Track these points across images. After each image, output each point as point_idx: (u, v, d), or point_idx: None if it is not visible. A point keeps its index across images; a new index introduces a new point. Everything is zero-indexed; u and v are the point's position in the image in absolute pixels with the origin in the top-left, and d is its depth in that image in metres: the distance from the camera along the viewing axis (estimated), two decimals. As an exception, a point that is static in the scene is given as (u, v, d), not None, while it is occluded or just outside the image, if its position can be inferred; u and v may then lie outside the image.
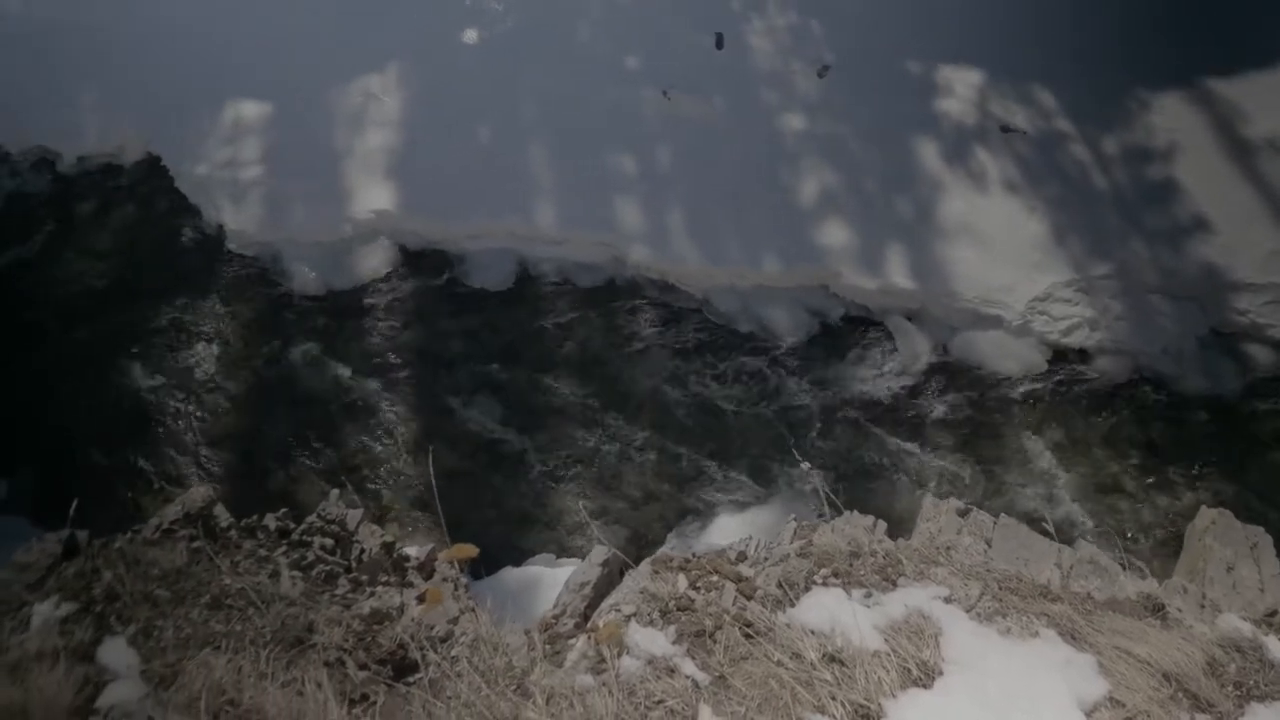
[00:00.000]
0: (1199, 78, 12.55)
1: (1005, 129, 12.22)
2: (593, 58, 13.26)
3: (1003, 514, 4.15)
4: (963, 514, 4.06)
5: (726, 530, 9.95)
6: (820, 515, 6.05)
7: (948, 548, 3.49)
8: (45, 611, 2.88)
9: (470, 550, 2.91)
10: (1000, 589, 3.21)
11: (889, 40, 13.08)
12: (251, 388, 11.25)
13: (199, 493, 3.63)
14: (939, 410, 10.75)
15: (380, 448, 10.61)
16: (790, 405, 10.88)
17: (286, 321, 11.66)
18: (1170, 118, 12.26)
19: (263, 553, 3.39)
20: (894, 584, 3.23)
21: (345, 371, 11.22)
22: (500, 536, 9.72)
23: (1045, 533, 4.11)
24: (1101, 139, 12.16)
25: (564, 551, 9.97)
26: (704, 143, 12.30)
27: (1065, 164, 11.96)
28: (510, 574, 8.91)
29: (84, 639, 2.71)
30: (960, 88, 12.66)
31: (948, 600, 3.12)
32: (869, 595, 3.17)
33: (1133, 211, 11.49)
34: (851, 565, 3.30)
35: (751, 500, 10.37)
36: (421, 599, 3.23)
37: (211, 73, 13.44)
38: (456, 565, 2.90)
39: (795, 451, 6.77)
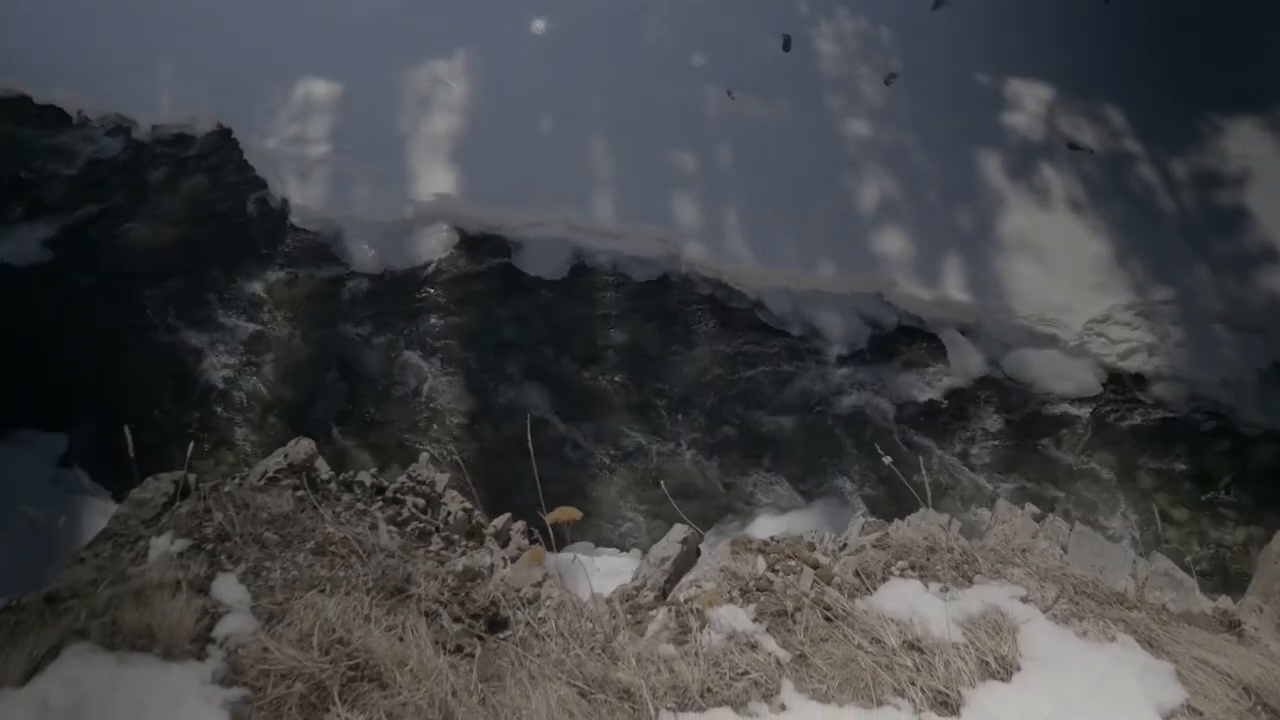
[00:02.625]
0: (1276, 105, 12.36)
1: (1072, 146, 12.12)
2: (658, 54, 13.34)
3: (1078, 522, 4.18)
4: (1038, 519, 4.09)
5: (766, 531, 9.98)
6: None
7: (1023, 550, 3.52)
8: (162, 546, 3.02)
9: (574, 513, 3.00)
10: (1076, 593, 3.24)
11: (958, 51, 13.03)
12: (305, 359, 11.45)
13: (302, 445, 3.76)
14: (987, 426, 10.70)
15: (427, 426, 10.76)
16: (837, 411, 10.88)
17: (343, 297, 11.86)
18: (1244, 143, 12.09)
19: (360, 506, 3.51)
20: (970, 581, 3.28)
21: (395, 349, 11.39)
22: (539, 522, 9.80)
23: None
24: (1171, 161, 12.03)
25: (602, 541, 10.06)
26: (765, 144, 12.33)
27: (1132, 185, 11.85)
28: (549, 559, 9.00)
29: (199, 574, 2.83)
30: (1029, 102, 12.59)
31: (1024, 600, 3.15)
32: (945, 590, 3.21)
33: (1199, 237, 11.36)
34: (928, 559, 3.34)
35: (791, 504, 10.39)
36: (511, 559, 3.33)
37: (285, 50, 13.70)
38: (553, 529, 2.99)
39: (877, 447, 6.78)
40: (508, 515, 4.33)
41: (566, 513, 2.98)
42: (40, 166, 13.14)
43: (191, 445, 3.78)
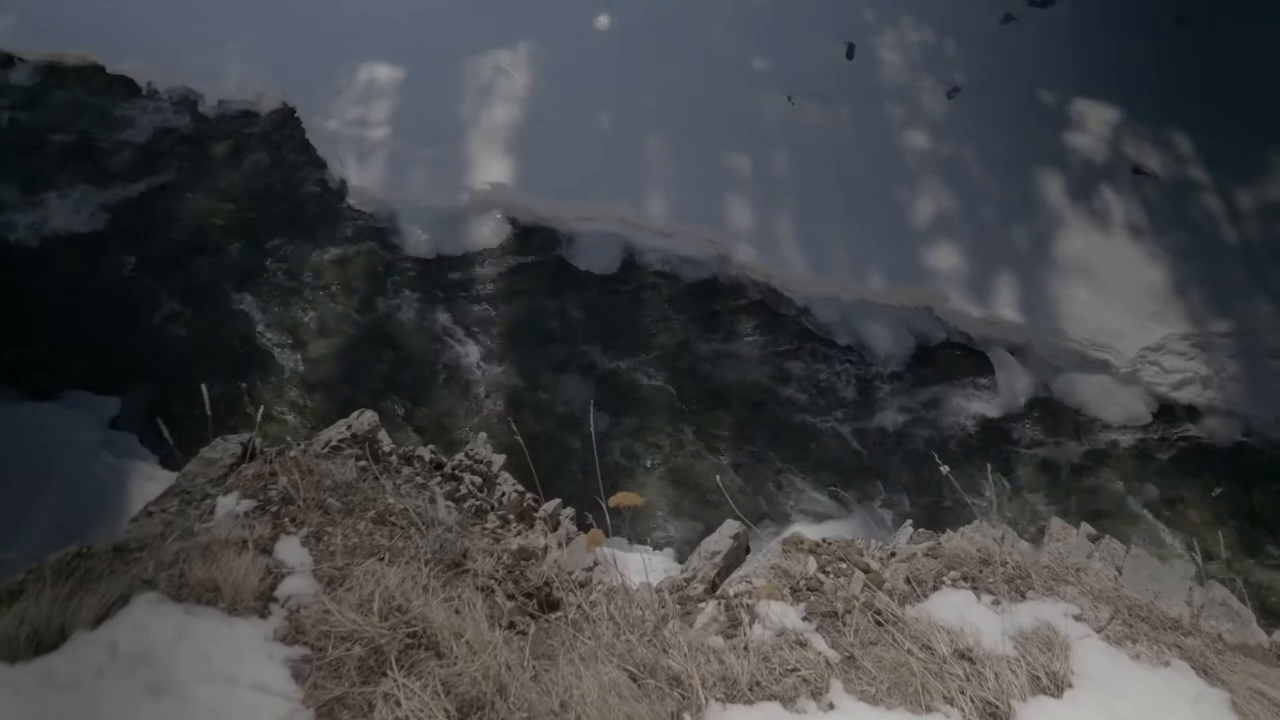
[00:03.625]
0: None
1: (1136, 171, 11.93)
2: (720, 56, 13.33)
3: (1134, 545, 4.12)
4: (1094, 539, 4.04)
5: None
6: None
7: (1077, 569, 3.48)
8: (228, 505, 3.09)
9: (635, 499, 3.03)
10: (1131, 615, 3.19)
11: (1024, 67, 12.87)
12: (353, 338, 11.61)
13: (366, 417, 3.82)
14: (1033, 448, 10.56)
15: (470, 410, 10.86)
16: (879, 424, 10.81)
17: (395, 280, 12.00)
18: (1314, 177, 11.83)
19: (419, 480, 3.56)
20: (1023, 595, 3.25)
21: (443, 334, 11.50)
22: (593, 507, 9.82)
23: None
24: (1236, 191, 11.78)
25: (636, 538, 10.06)
26: (823, 151, 12.28)
27: (1195, 213, 11.63)
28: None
29: (263, 534, 2.89)
30: (1094, 124, 12.40)
31: (1077, 618, 3.12)
32: (998, 603, 3.18)
33: (1261, 269, 11.11)
34: (981, 571, 3.32)
35: (829, 513, 10.34)
36: (561, 544, 3.36)
37: (351, 33, 13.89)
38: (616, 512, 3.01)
39: (935, 455, 6.73)
40: (558, 501, 4.36)
41: (628, 498, 3.00)
42: (108, 135, 13.46)
43: (261, 409, 3.85)
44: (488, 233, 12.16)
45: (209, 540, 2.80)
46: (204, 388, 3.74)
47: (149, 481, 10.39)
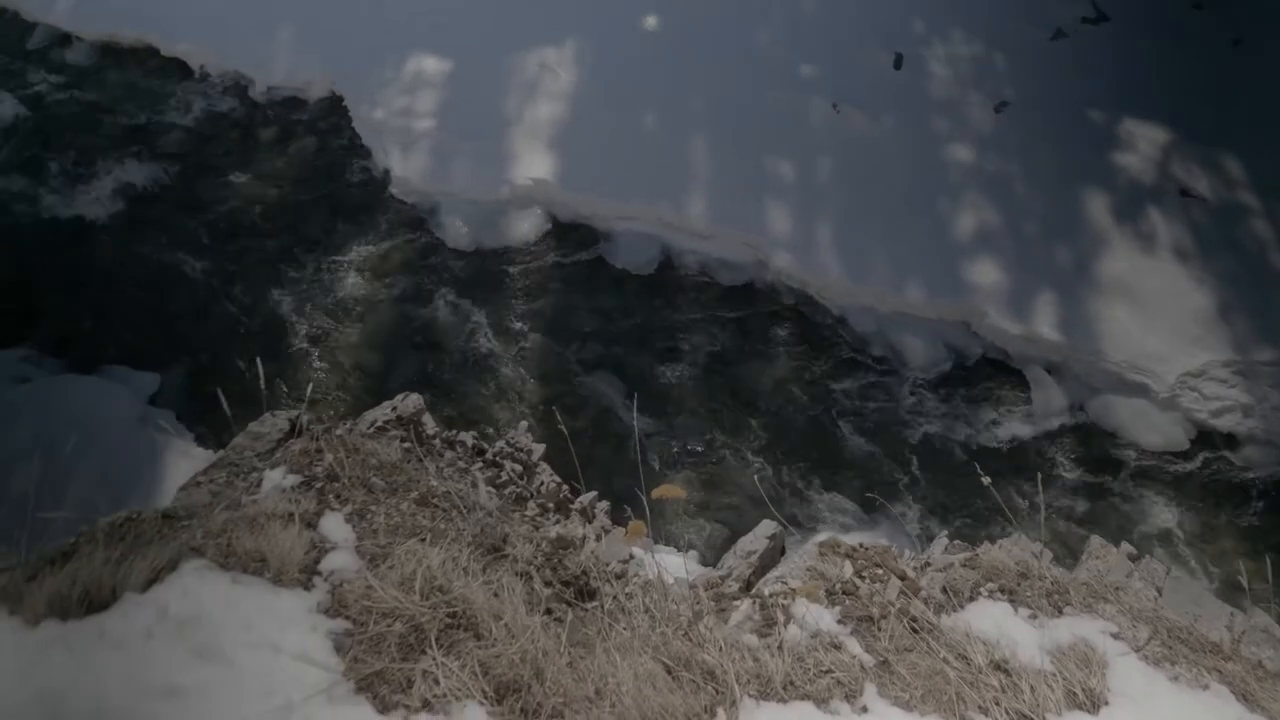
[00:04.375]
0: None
1: (1184, 193, 11.76)
2: (767, 61, 13.31)
3: (1173, 567, 4.07)
4: (1134, 559, 3.99)
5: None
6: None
7: (1116, 588, 3.44)
8: (275, 479, 3.14)
9: (679, 491, 3.03)
10: (1170, 636, 3.16)
11: (1074, 85, 12.72)
12: (388, 325, 11.71)
13: (411, 400, 3.87)
14: (1066, 468, 10.44)
15: (500, 403, 10.92)
16: (910, 435, 10.74)
17: (433, 270, 12.10)
18: (1367, 207, 11.60)
19: (461, 464, 3.60)
20: (1060, 611, 3.22)
21: (479, 326, 11.58)
22: (631, 500, 9.82)
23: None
24: (1286, 218, 11.60)
25: (660, 538, 10.07)
26: (866, 160, 12.22)
27: (1243, 238, 11.44)
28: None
29: (308, 509, 2.94)
30: (1142, 144, 12.24)
31: (1115, 637, 3.09)
32: (1035, 617, 3.16)
33: (1310, 299, 10.93)
34: (1019, 584, 3.29)
35: (853, 523, 10.28)
36: (597, 536, 3.38)
37: (401, 25, 14.02)
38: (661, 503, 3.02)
39: (977, 466, 6.68)
40: (594, 493, 4.39)
41: (671, 490, 3.01)
42: (160, 116, 13.69)
43: (310, 385, 3.90)
44: (527, 228, 12.22)
45: (256, 512, 2.85)
46: (258, 361, 3.79)
47: (183, 458, 10.55)
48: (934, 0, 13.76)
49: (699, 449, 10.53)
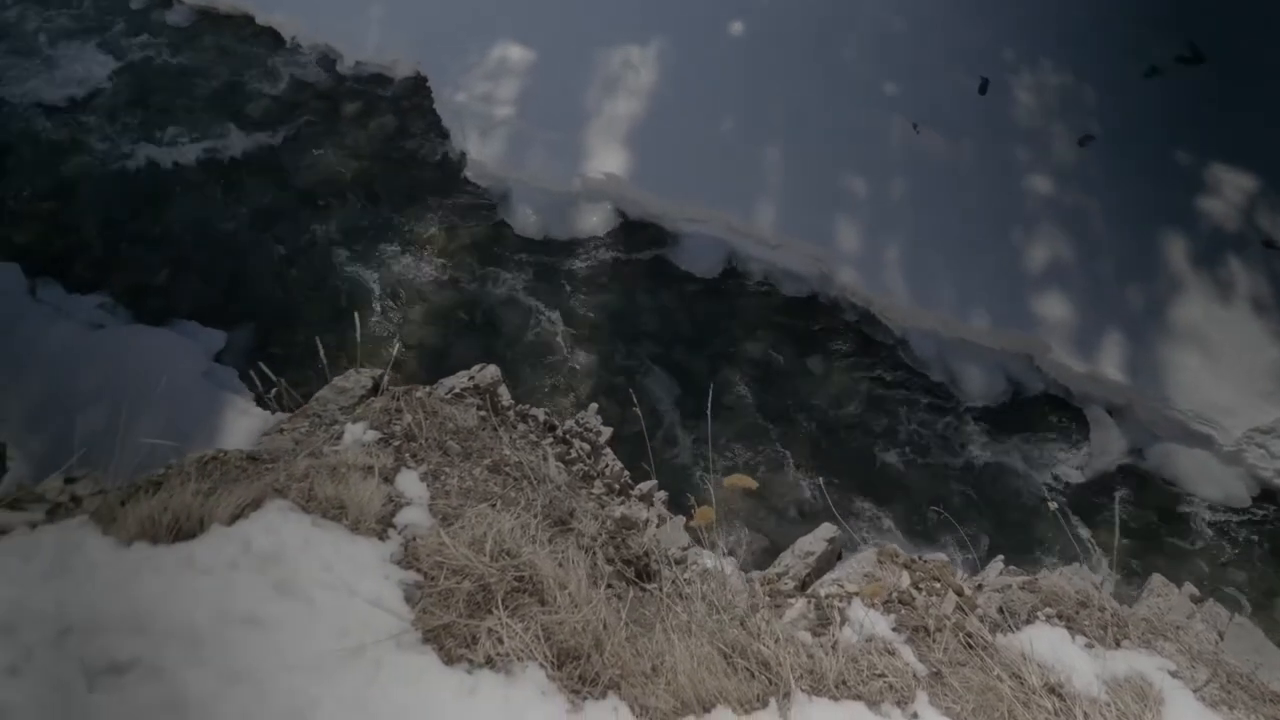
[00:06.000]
0: None
1: (1268, 244, 11.46)
2: (851, 76, 13.25)
3: (1237, 614, 4.00)
4: (1197, 600, 3.93)
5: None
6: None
7: (1177, 627, 3.40)
8: (356, 433, 3.24)
9: (750, 482, 3.07)
10: (1230, 681, 3.11)
11: (1163, 124, 12.46)
12: (452, 305, 11.89)
13: (489, 370, 3.96)
14: (1120, 512, 10.24)
15: (553, 391, 11.01)
16: (961, 463, 10.63)
17: (499, 255, 12.25)
18: None
19: (533, 438, 3.67)
20: (1118, 643, 3.19)
21: (540, 314, 11.70)
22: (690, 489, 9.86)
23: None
24: (1374, 280, 11.25)
25: (704, 542, 10.06)
26: (942, 183, 12.10)
27: (1326, 297, 11.14)
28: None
29: (386, 464, 3.03)
30: (1229, 190, 11.95)
31: (1173, 675, 3.05)
32: (1091, 646, 3.13)
33: (1391, 364, 10.58)
34: (1078, 612, 3.27)
35: (896, 543, 10.19)
36: (660, 521, 3.43)
37: (490, 12, 14.20)
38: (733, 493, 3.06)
39: (1045, 490, 6.61)
40: (654, 482, 4.44)
41: (742, 480, 3.05)
42: (250, 82, 14.05)
43: (398, 346, 4.01)
44: (596, 221, 12.32)
45: (337, 462, 2.94)
46: (318, 341, 3.91)
47: (242, 415, 10.83)
48: (1025, 27, 13.57)
49: (747, 456, 10.52)
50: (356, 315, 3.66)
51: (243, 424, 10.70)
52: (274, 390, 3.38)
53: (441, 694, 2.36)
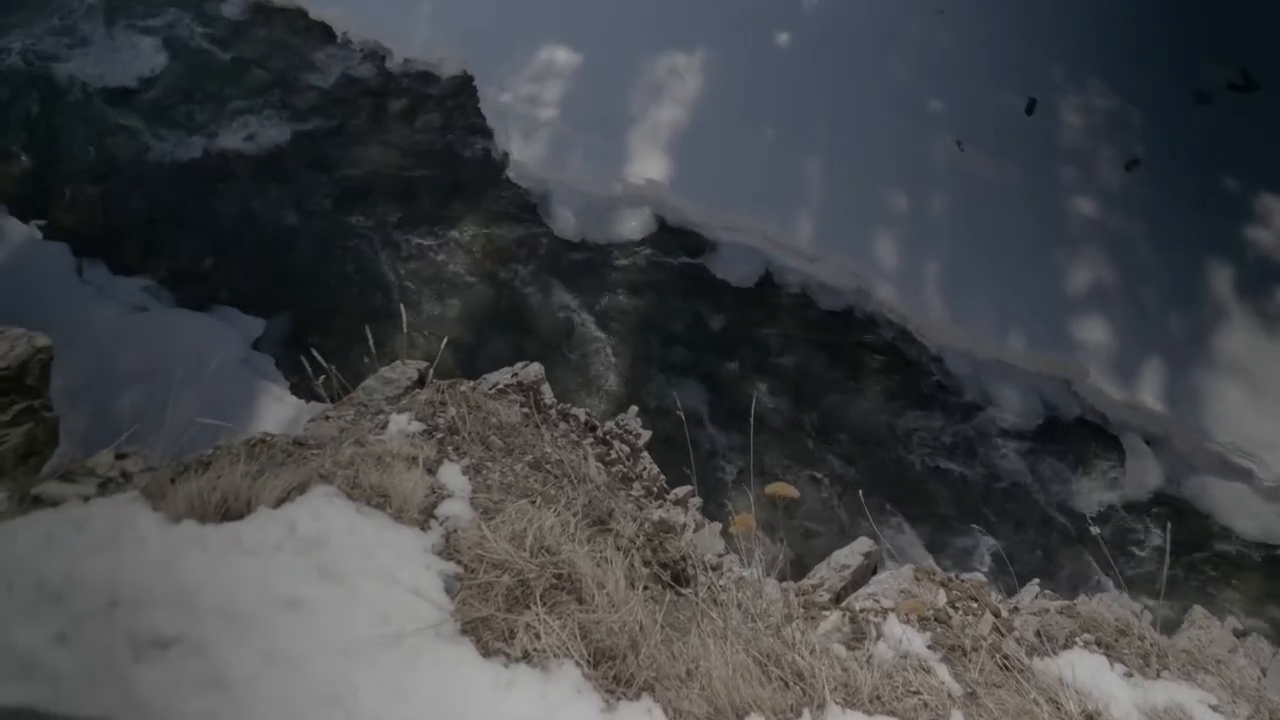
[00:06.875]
0: None
1: (1317, 278, 11.27)
2: (896, 91, 13.17)
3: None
4: (1240, 635, 3.86)
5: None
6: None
7: (1218, 661, 3.34)
8: (400, 423, 3.27)
9: (792, 491, 3.06)
10: (1272, 718, 3.05)
11: (1213, 151, 12.27)
12: (489, 303, 11.96)
13: (533, 368, 3.98)
14: (1150, 544, 10.09)
15: (584, 393, 11.03)
16: (993, 486, 10.52)
17: (537, 255, 12.31)
18: None
19: (574, 438, 3.69)
20: (1158, 674, 3.14)
21: (574, 315, 11.74)
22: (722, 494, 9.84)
23: None
24: None
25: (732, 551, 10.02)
26: (984, 202, 12.00)
27: (1375, 333, 10.91)
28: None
29: (429, 456, 3.06)
30: (1278, 219, 11.76)
31: (1214, 708, 3.00)
32: (1130, 675, 3.09)
33: None
34: (1117, 640, 3.22)
35: (918, 561, 10.11)
36: (696, 526, 3.43)
37: (538, 14, 14.27)
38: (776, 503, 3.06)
39: (1088, 516, 6.54)
40: (690, 488, 4.43)
41: (784, 488, 3.04)
42: (299, 75, 14.22)
43: (446, 340, 4.05)
44: (634, 226, 12.35)
45: (381, 451, 2.97)
46: (368, 329, 3.95)
47: (277, 403, 10.96)
48: (1074, 49, 13.43)
49: (779, 466, 10.48)
50: (403, 307, 3.70)
51: (277, 411, 10.82)
52: (322, 377, 3.42)
53: (478, 686, 2.37)
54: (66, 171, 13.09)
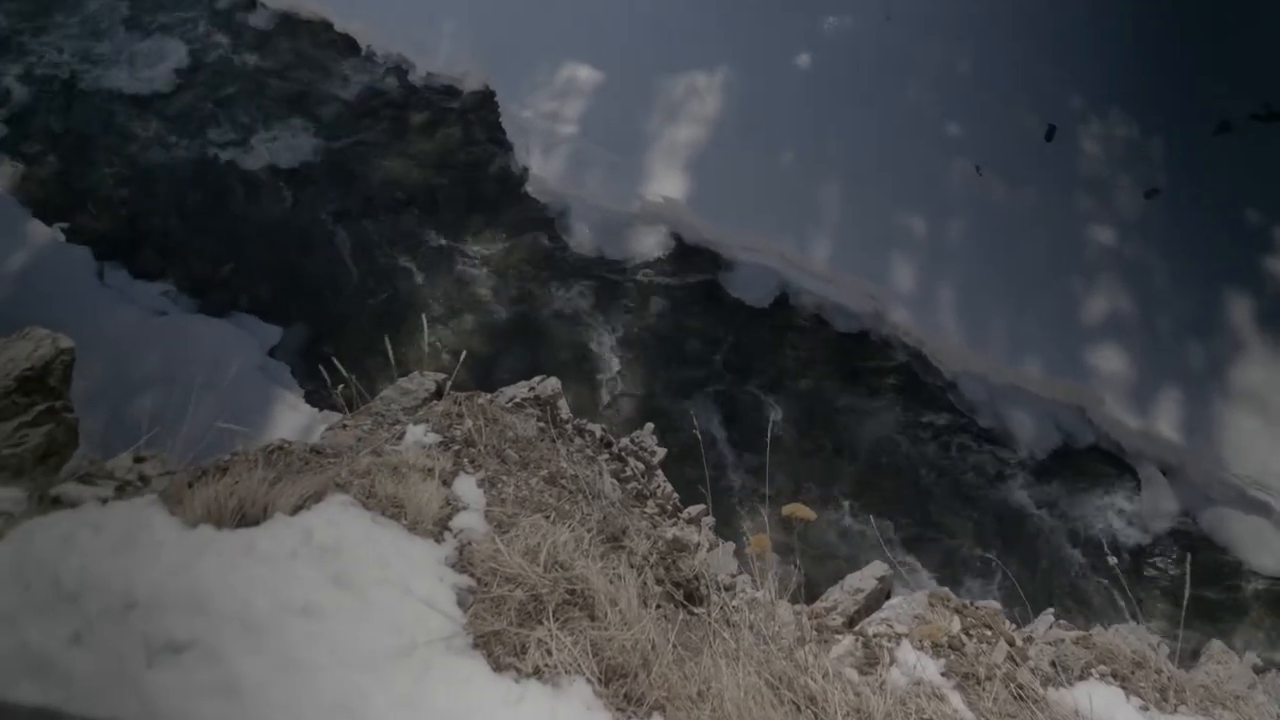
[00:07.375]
0: None
1: (1338, 311, 11.18)
2: (914, 115, 13.18)
3: (1301, 688, 3.87)
4: (1259, 670, 3.81)
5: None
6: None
7: (1236, 697, 3.30)
8: (417, 434, 3.28)
9: (809, 513, 3.05)
10: (1290, 757, 3.01)
11: (1233, 180, 12.21)
12: (504, 318, 12.00)
13: (550, 383, 3.99)
14: (1167, 574, 9.99)
15: (597, 410, 11.02)
16: (1007, 512, 10.44)
17: (554, 270, 12.35)
18: None
19: (589, 453, 3.69)
20: (1174, 708, 3.10)
21: (589, 332, 11.76)
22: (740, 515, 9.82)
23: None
24: None
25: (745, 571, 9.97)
26: (1001, 227, 11.98)
27: (1396, 368, 10.80)
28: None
29: (445, 468, 3.06)
30: (1299, 253, 11.70)
31: (1231, 746, 2.97)
32: (1146, 709, 3.05)
33: None
34: (1133, 672, 3.19)
35: (928, 586, 10.02)
36: (709, 545, 3.42)
37: (561, 31, 14.37)
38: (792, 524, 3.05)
39: (1105, 544, 6.48)
40: (703, 506, 4.42)
41: (801, 510, 3.03)
42: (323, 86, 14.36)
43: (464, 353, 4.06)
44: (651, 243, 12.38)
45: (398, 461, 2.98)
46: (387, 340, 3.98)
47: (292, 411, 11.01)
48: (1095, 76, 13.41)
49: (792, 488, 10.44)
50: (424, 318, 3.72)
51: (292, 418, 10.87)
52: (340, 386, 3.43)
53: (488, 700, 2.36)
54: (91, 177, 13.24)
